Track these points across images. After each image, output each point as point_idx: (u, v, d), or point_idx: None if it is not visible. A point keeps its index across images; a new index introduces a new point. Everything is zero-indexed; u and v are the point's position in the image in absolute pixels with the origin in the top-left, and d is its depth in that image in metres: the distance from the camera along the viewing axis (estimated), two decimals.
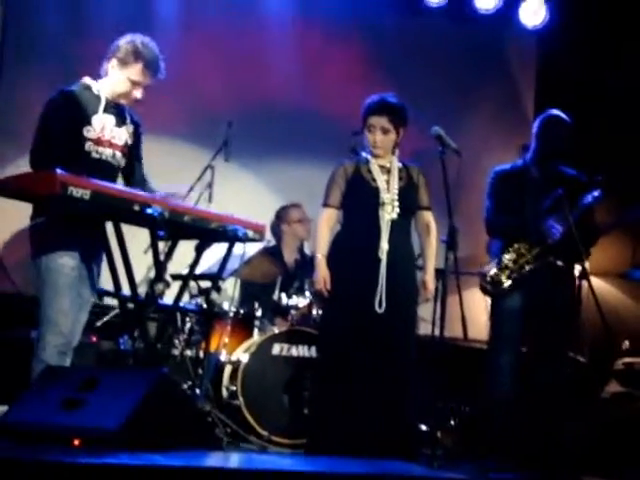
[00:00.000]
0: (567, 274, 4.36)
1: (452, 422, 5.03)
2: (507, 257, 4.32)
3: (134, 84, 3.74)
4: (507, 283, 4.31)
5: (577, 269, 4.27)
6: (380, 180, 4.23)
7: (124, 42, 3.74)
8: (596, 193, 4.24)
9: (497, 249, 4.42)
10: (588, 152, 5.80)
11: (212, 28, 6.18)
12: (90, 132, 3.69)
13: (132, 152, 3.88)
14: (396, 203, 4.18)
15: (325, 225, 4.27)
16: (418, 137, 4.40)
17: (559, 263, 4.30)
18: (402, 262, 4.16)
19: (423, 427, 4.43)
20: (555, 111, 4.50)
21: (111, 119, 3.77)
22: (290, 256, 5.55)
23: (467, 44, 6.62)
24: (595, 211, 4.42)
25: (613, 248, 5.95)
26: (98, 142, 3.71)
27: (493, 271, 4.34)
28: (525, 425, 4.42)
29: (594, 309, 4.07)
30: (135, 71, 3.72)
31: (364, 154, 4.33)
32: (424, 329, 5.21)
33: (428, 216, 4.31)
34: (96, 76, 3.80)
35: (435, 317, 4.57)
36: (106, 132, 3.73)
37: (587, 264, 5.22)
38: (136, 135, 3.90)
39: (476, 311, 4.85)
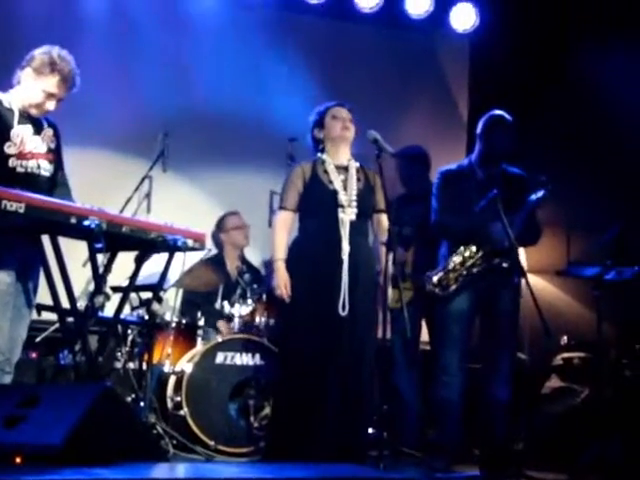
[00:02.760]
0: (512, 275, 4.39)
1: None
2: (454, 259, 4.32)
3: (48, 96, 3.69)
4: (454, 286, 4.31)
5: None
6: (337, 181, 4.18)
7: (40, 52, 3.69)
8: (540, 193, 4.27)
9: (445, 251, 4.42)
10: (518, 155, 5.91)
11: (145, 36, 6.13)
12: (10, 147, 3.62)
13: (58, 157, 3.82)
14: (354, 204, 4.15)
15: (282, 228, 4.20)
16: (354, 141, 4.42)
17: (504, 265, 4.33)
18: (363, 264, 4.12)
19: (370, 429, 4.44)
20: (498, 111, 4.51)
21: (28, 129, 3.70)
22: (232, 264, 5.54)
23: (401, 49, 6.67)
24: (538, 210, 4.46)
25: (549, 246, 6.03)
26: (20, 156, 3.64)
27: (440, 274, 4.33)
28: (470, 424, 4.47)
29: (532, 306, 4.13)
30: (50, 83, 3.67)
31: (319, 154, 4.29)
32: None
33: (384, 218, 4.24)
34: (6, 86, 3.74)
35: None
36: (26, 144, 3.67)
37: (524, 262, 5.33)
38: (56, 138, 3.84)
39: None
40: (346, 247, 4.07)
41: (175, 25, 6.22)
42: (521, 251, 5.94)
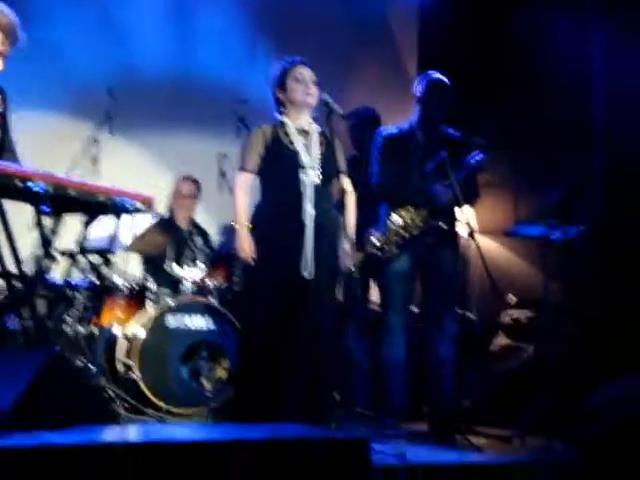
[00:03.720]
0: (451, 236, 4.47)
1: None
2: (393, 221, 4.37)
3: None
4: (394, 247, 4.37)
5: (465, 229, 4.37)
6: (298, 143, 4.12)
7: None
8: (478, 156, 4.33)
9: (384, 213, 4.47)
10: (468, 117, 5.94)
11: None
12: None
13: (5, 121, 3.75)
14: (317, 167, 4.08)
15: (242, 191, 4.12)
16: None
17: (444, 226, 4.39)
18: (327, 227, 4.05)
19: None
20: (436, 74, 4.55)
21: None
22: (182, 226, 5.51)
23: (351, 11, 6.64)
24: (481, 172, 4.52)
25: (496, 206, 6.13)
26: None
27: (381, 236, 4.38)
28: (418, 382, 4.55)
29: (481, 266, 4.19)
30: None
31: (279, 116, 4.22)
32: None
33: (345, 181, 4.23)
34: None
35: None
36: None
37: (474, 222, 5.39)
38: (4, 102, 3.77)
39: None
40: (310, 210, 4.01)
41: None
42: (471, 212, 6.03)
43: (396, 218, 4.36)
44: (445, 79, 4.52)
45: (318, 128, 4.22)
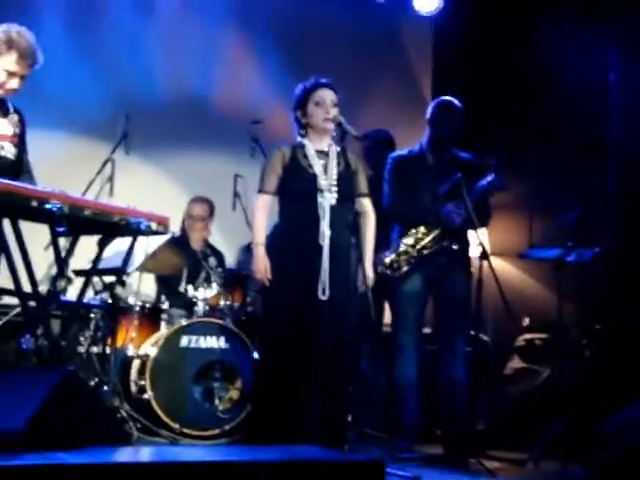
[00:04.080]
0: (462, 257, 4.49)
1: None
2: (405, 242, 4.40)
3: (9, 74, 3.67)
4: (405, 267, 4.39)
5: (477, 250, 4.37)
6: (317, 165, 4.11)
7: None
8: (490, 177, 4.35)
9: (396, 234, 4.50)
10: (482, 137, 5.95)
11: (107, 18, 6.07)
12: None
13: (22, 142, 3.79)
14: (334, 189, 4.07)
15: (261, 212, 4.12)
16: None
17: (455, 247, 4.42)
18: (343, 248, 4.04)
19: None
20: (446, 97, 4.61)
21: None
22: (196, 247, 5.52)
23: (365, 31, 6.66)
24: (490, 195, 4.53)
25: (511, 228, 6.12)
26: None
27: (392, 256, 4.41)
28: (431, 405, 4.53)
29: (495, 288, 4.18)
30: (9, 61, 3.65)
31: (299, 138, 4.22)
32: None
33: (366, 202, 4.23)
34: None
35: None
36: None
37: (487, 245, 5.38)
38: (22, 124, 3.81)
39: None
40: (326, 231, 4.00)
41: (138, 7, 6.16)
42: (484, 234, 6.02)
43: (407, 238, 4.38)
44: (455, 101, 4.55)
45: (337, 148, 4.20)
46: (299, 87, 4.24)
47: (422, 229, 4.41)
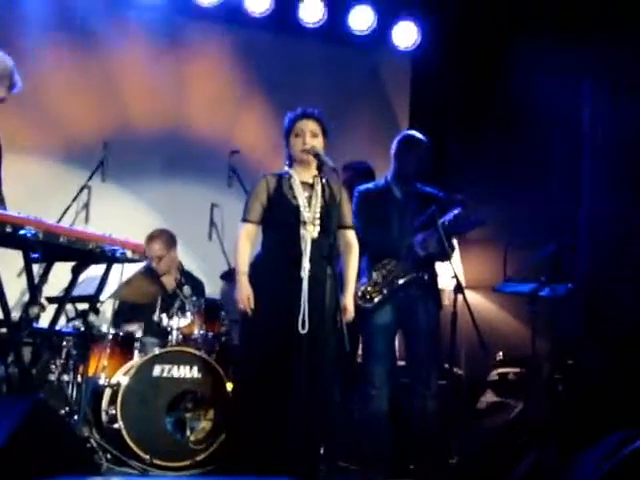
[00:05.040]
0: (432, 288, 4.51)
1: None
2: (376, 273, 4.42)
3: None
4: (377, 298, 4.40)
5: (452, 283, 4.39)
6: (301, 197, 4.12)
7: None
8: (456, 211, 4.38)
9: (366, 265, 4.50)
10: (458, 170, 6.01)
11: (86, 45, 6.08)
12: None
13: None
14: (317, 222, 4.08)
15: (244, 241, 4.12)
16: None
17: (425, 278, 4.44)
18: (324, 282, 3.99)
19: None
20: (411, 131, 4.72)
21: None
22: (170, 276, 5.50)
23: (343, 65, 6.71)
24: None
25: (486, 262, 6.15)
26: None
27: (363, 287, 4.42)
28: (403, 437, 4.52)
29: (469, 322, 4.19)
30: None
31: (286, 168, 4.24)
32: None
33: (350, 235, 4.25)
34: None
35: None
36: None
37: (462, 278, 5.40)
38: None
39: None
40: (306, 265, 3.99)
41: (116, 35, 6.16)
42: (459, 267, 6.05)
43: (379, 270, 4.40)
44: (419, 136, 4.61)
45: (323, 180, 4.18)
46: (287, 117, 4.26)
47: (393, 261, 4.43)
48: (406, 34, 6.67)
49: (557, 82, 5.69)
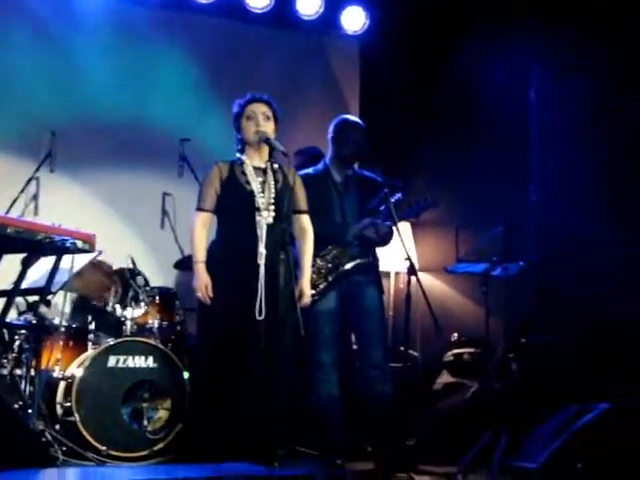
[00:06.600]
0: (375, 272, 4.54)
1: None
2: (320, 259, 4.39)
3: None
4: (322, 285, 4.38)
5: (405, 266, 4.41)
6: (255, 183, 4.11)
7: None
8: (398, 195, 4.40)
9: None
10: (408, 154, 6.03)
11: (32, 32, 5.97)
12: None
13: None
14: (272, 207, 4.08)
15: (200, 230, 4.09)
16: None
17: (370, 262, 4.46)
18: (278, 265, 3.97)
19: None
20: (348, 115, 4.75)
21: None
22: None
23: (292, 50, 6.69)
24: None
25: (439, 244, 6.20)
26: None
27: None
28: (360, 420, 4.54)
29: (423, 304, 4.22)
30: None
31: (237, 154, 4.22)
32: None
33: (304, 219, 4.25)
34: None
35: None
36: None
37: (415, 260, 5.44)
38: None
39: None
40: (262, 251, 4.00)
41: (64, 21, 6.05)
42: (412, 250, 6.09)
43: (323, 256, 4.38)
44: (357, 120, 4.64)
45: (276, 165, 4.21)
46: (236, 103, 4.24)
47: (338, 247, 4.41)
48: (354, 18, 6.67)
49: (505, 65, 5.75)
